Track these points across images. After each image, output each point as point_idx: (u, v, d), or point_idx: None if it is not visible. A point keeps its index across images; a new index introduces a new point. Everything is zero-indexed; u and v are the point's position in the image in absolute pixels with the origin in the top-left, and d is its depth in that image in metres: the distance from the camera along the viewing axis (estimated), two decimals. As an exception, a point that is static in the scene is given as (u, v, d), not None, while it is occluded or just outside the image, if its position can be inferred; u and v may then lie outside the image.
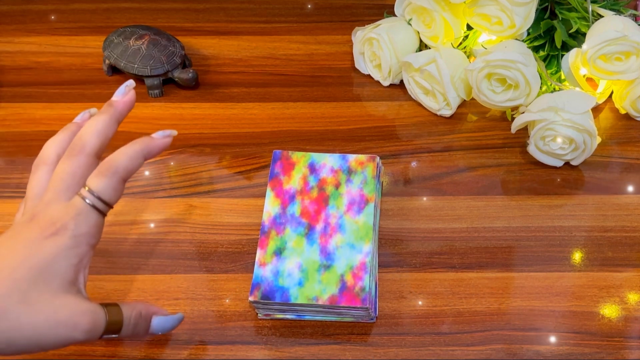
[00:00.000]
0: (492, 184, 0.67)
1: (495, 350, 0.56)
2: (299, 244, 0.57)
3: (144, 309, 0.48)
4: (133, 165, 0.46)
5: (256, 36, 0.83)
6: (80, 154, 0.46)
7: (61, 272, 0.43)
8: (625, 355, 0.55)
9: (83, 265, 0.44)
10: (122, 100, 0.49)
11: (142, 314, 0.47)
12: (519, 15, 0.69)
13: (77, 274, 0.44)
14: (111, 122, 0.48)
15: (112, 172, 0.45)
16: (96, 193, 0.44)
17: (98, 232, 0.46)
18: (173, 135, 0.49)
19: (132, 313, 0.46)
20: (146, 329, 0.48)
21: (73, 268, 0.43)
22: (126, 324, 0.46)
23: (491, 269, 0.61)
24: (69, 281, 0.43)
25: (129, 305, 0.47)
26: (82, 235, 0.44)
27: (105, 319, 0.44)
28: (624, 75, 0.67)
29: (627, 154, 0.70)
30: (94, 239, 0.45)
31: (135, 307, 0.47)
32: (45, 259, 0.42)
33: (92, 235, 0.45)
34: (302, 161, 0.62)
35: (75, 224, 0.44)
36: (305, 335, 0.57)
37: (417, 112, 0.74)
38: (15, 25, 0.84)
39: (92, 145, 0.46)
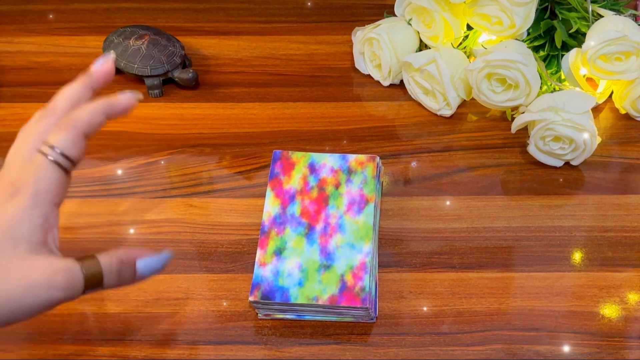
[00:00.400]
0: (492, 184, 0.67)
1: (495, 350, 0.56)
2: (299, 244, 0.57)
3: (124, 255, 0.45)
4: (94, 120, 0.44)
5: (256, 36, 0.83)
6: (48, 117, 0.44)
7: (26, 234, 0.41)
8: (625, 355, 0.55)
9: (50, 225, 0.42)
10: (97, 69, 0.47)
11: (124, 259, 0.44)
12: (519, 15, 0.69)
13: (45, 234, 0.42)
14: (84, 88, 0.46)
15: (72, 125, 0.43)
16: (56, 147, 0.42)
17: (61, 189, 0.43)
18: (138, 98, 0.47)
19: (112, 260, 0.44)
20: (132, 275, 0.45)
21: (39, 228, 0.41)
22: (107, 273, 0.43)
23: (491, 269, 0.61)
24: (37, 242, 0.41)
25: (106, 254, 0.44)
26: (43, 192, 0.42)
27: (82, 272, 0.42)
28: (624, 75, 0.67)
29: (627, 154, 0.70)
30: (58, 197, 0.43)
31: (115, 254, 0.44)
32: (7, 223, 0.41)
33: (55, 194, 0.42)
34: (302, 161, 0.62)
35: (35, 181, 0.41)
36: (305, 335, 0.57)
37: (417, 112, 0.74)
38: (15, 25, 0.84)
39: (62, 109, 0.45)
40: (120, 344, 0.56)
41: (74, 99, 0.45)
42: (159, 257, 0.46)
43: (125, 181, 0.68)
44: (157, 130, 0.72)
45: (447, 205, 0.66)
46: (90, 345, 0.56)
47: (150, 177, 0.68)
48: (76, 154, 0.43)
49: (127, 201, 0.66)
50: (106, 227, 0.64)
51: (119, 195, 0.67)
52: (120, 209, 0.66)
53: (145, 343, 0.56)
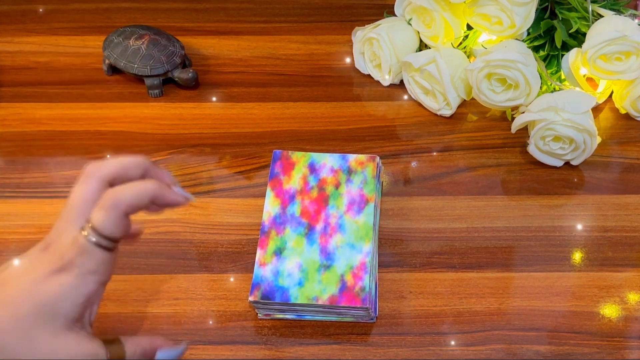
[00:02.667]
0: (492, 184, 0.67)
1: (495, 350, 0.56)
2: (299, 244, 0.57)
3: (148, 345, 0.46)
4: (137, 203, 0.42)
5: (256, 36, 0.83)
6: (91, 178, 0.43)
7: (65, 312, 0.41)
8: (625, 355, 0.55)
9: (91, 302, 0.43)
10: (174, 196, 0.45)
11: (147, 350, 0.46)
12: (519, 15, 0.69)
13: (84, 312, 0.43)
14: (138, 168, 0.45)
15: (114, 205, 0.41)
16: (97, 228, 0.41)
17: (107, 269, 0.43)
18: (190, 200, 0.46)
19: (136, 350, 0.45)
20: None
21: (79, 307, 0.42)
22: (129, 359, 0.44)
23: (491, 269, 0.61)
24: (73, 320, 0.42)
25: (132, 342, 0.45)
26: (89, 273, 0.42)
27: (107, 357, 0.43)
28: (624, 75, 0.67)
29: (627, 154, 0.70)
30: (103, 276, 0.43)
31: (139, 343, 0.45)
32: (50, 297, 0.41)
33: (101, 273, 0.42)
34: (302, 161, 0.62)
35: (81, 262, 0.41)
36: (305, 335, 0.57)
37: (417, 112, 0.74)
38: (15, 25, 0.84)
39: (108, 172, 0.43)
40: (120, 344, 0.56)
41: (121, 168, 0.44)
42: (176, 349, 0.47)
43: (125, 181, 0.68)
44: (157, 130, 0.72)
45: (447, 205, 0.66)
46: (90, 345, 0.56)
47: (150, 177, 0.68)
48: (119, 234, 0.42)
49: (127, 201, 0.66)
50: (106, 227, 0.64)
51: (119, 195, 0.66)
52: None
53: (145, 343, 0.56)
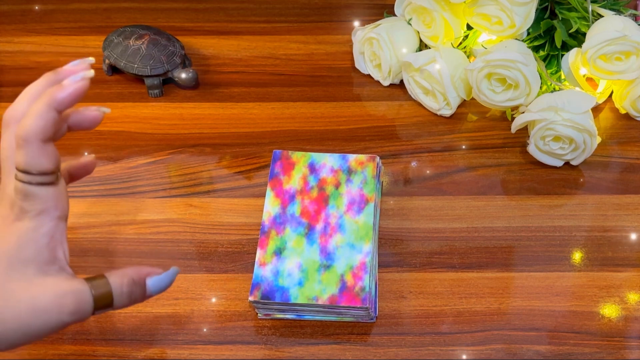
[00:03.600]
0: (492, 184, 0.67)
1: (495, 350, 0.56)
2: (299, 244, 0.57)
3: (135, 274, 0.43)
4: (44, 123, 0.39)
5: (256, 36, 0.83)
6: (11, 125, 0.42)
7: (33, 257, 0.40)
8: (625, 355, 0.55)
9: (57, 241, 0.41)
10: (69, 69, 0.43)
11: (135, 279, 0.43)
12: (519, 15, 0.69)
13: (53, 251, 0.41)
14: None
15: (25, 139, 0.39)
16: (24, 169, 0.40)
17: (58, 203, 0.41)
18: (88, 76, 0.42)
19: (123, 281, 0.42)
20: (143, 294, 0.44)
21: (45, 248, 0.41)
22: (118, 294, 0.42)
23: (491, 269, 0.61)
24: (44, 262, 0.41)
25: (117, 274, 0.43)
26: (40, 213, 0.40)
27: (92, 294, 0.41)
28: (624, 75, 0.67)
29: (627, 154, 0.70)
30: (57, 211, 0.41)
31: (125, 273, 0.43)
32: (13, 248, 0.40)
33: (53, 208, 0.41)
34: (302, 161, 0.62)
35: (29, 205, 0.40)
36: (305, 335, 0.57)
37: (417, 112, 0.74)
38: (15, 25, 0.84)
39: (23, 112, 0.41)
40: (120, 344, 0.56)
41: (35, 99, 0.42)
42: (167, 274, 0.45)
43: (125, 181, 0.68)
44: (157, 130, 0.72)
45: (447, 205, 0.66)
46: (90, 345, 0.56)
47: (150, 177, 0.68)
48: (48, 164, 0.40)
49: (127, 201, 0.66)
50: (106, 227, 0.64)
51: (119, 195, 0.67)
52: (120, 209, 0.66)
53: (145, 343, 0.56)
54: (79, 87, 0.41)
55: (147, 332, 0.57)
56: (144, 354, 0.56)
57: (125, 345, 0.56)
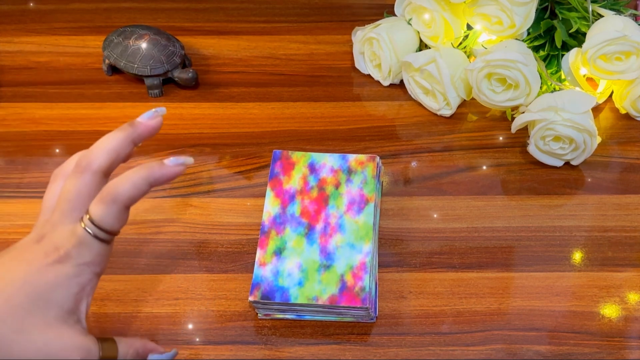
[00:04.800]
0: (492, 184, 0.67)
1: (495, 350, 0.56)
2: (299, 244, 0.57)
3: (141, 347, 0.46)
4: (136, 193, 0.42)
5: (256, 36, 0.83)
6: (85, 172, 0.43)
7: (60, 302, 0.41)
8: (625, 355, 0.55)
9: (85, 294, 0.43)
10: (145, 123, 0.46)
11: (139, 352, 0.46)
12: (519, 15, 0.69)
13: (78, 303, 0.42)
14: (126, 141, 0.45)
15: (113, 199, 0.42)
16: (97, 222, 0.42)
17: (103, 260, 0.43)
18: (188, 163, 0.45)
19: (129, 351, 0.45)
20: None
21: (73, 297, 0.42)
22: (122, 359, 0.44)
23: (491, 269, 0.61)
24: (67, 311, 0.42)
25: (125, 343, 0.45)
26: (85, 264, 0.42)
27: (99, 355, 0.43)
28: (624, 75, 0.67)
29: (627, 154, 0.70)
30: (99, 267, 0.43)
31: (133, 344, 0.45)
32: (45, 287, 0.41)
33: (97, 264, 0.43)
34: (302, 161, 0.62)
35: (78, 253, 0.42)
36: (305, 335, 0.57)
37: (417, 112, 0.74)
38: (15, 25, 0.84)
39: (100, 163, 0.44)
40: (120, 344, 0.56)
41: (113, 153, 0.44)
42: (167, 355, 0.48)
43: (125, 181, 0.68)
44: (158, 131, 0.72)
45: (447, 205, 0.66)
46: (90, 345, 0.56)
47: (150, 177, 0.68)
48: (118, 227, 0.43)
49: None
50: (106, 227, 0.64)
51: (119, 195, 0.66)
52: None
53: (145, 343, 0.56)
54: (176, 171, 0.44)
55: (147, 332, 0.57)
56: (144, 354, 0.56)
57: (125, 345, 0.56)
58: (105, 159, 0.44)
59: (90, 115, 0.74)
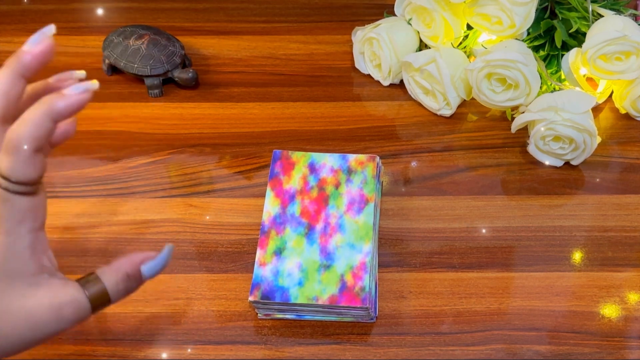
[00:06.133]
0: (492, 184, 0.67)
1: (495, 350, 0.56)
2: (299, 244, 0.57)
3: (129, 267, 0.41)
4: (40, 132, 0.37)
5: (256, 36, 0.83)
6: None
7: (19, 270, 0.38)
8: (625, 355, 0.55)
9: (40, 251, 0.39)
10: (31, 50, 0.40)
11: (129, 273, 0.41)
12: (518, 15, 0.69)
13: (39, 261, 0.39)
14: (13, 78, 0.39)
15: (16, 146, 0.36)
16: (7, 175, 0.37)
17: (36, 212, 0.39)
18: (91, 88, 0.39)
19: (118, 278, 0.41)
20: (139, 283, 0.42)
21: (29, 260, 0.39)
22: (114, 292, 0.40)
23: (491, 269, 0.61)
24: (32, 274, 0.39)
25: (111, 271, 0.41)
26: (18, 222, 0.38)
27: (87, 298, 0.39)
28: (624, 75, 0.67)
29: (627, 154, 0.70)
30: (35, 221, 0.39)
31: (119, 269, 0.41)
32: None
33: (31, 219, 0.38)
34: (302, 161, 0.62)
35: (5, 214, 0.37)
36: (305, 335, 0.57)
37: (417, 112, 0.74)
38: (15, 25, 0.84)
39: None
40: (120, 344, 0.56)
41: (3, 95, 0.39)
42: (161, 257, 0.43)
43: (125, 181, 0.68)
44: (157, 130, 0.72)
45: (447, 205, 0.66)
46: (90, 345, 0.56)
47: (150, 177, 0.68)
48: (34, 175, 0.38)
49: (127, 201, 0.66)
50: (106, 227, 0.64)
51: (119, 195, 0.67)
52: (120, 209, 0.66)
53: (145, 343, 0.56)
54: (81, 99, 0.39)
55: (147, 332, 0.57)
56: (143, 354, 0.56)
57: (125, 345, 0.56)
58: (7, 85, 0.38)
59: (90, 115, 0.74)
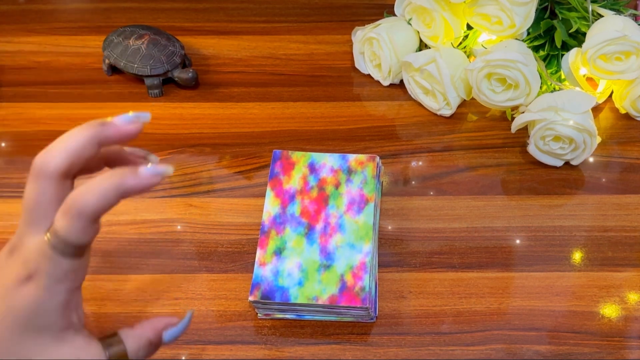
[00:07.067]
0: (492, 184, 0.67)
1: (495, 350, 0.56)
2: (298, 244, 0.57)
3: (152, 334, 0.42)
4: (104, 205, 0.37)
5: (256, 36, 0.83)
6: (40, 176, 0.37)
7: (48, 325, 0.38)
8: (625, 355, 0.55)
9: (72, 307, 0.39)
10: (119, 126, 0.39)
11: (152, 340, 0.41)
12: (518, 15, 0.69)
13: (68, 319, 0.39)
14: (90, 142, 0.38)
15: (78, 213, 0.36)
16: (62, 237, 0.37)
17: (78, 273, 0.39)
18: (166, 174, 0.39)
19: (140, 344, 0.41)
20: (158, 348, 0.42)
21: (61, 317, 0.38)
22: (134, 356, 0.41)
23: (491, 269, 0.61)
24: (60, 330, 0.38)
25: (134, 337, 0.41)
26: (57, 282, 0.38)
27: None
28: (624, 75, 0.67)
29: (627, 153, 0.70)
30: (74, 282, 0.39)
31: (142, 335, 0.41)
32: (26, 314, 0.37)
33: (71, 280, 0.38)
34: (302, 161, 0.62)
35: (48, 270, 0.37)
36: (305, 335, 0.57)
37: (417, 112, 0.74)
38: (15, 25, 0.84)
39: (56, 166, 0.37)
40: (120, 343, 0.56)
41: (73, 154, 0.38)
42: (183, 322, 0.43)
43: (125, 181, 0.68)
44: (157, 130, 0.72)
45: (447, 205, 0.66)
46: (90, 345, 0.56)
47: (150, 177, 0.68)
48: (87, 240, 0.37)
49: (127, 201, 0.66)
50: (106, 227, 0.64)
51: (119, 195, 0.66)
52: (120, 209, 0.65)
53: (145, 343, 0.56)
54: (151, 183, 0.38)
55: (147, 332, 0.57)
56: (144, 354, 0.56)
57: (125, 345, 0.56)
58: (62, 161, 0.38)
59: (90, 115, 0.74)
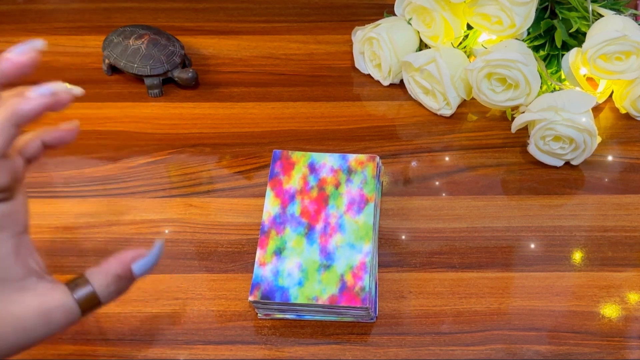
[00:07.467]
0: (492, 184, 0.67)
1: (495, 350, 0.56)
2: (298, 244, 0.57)
3: (119, 268, 0.40)
4: (5, 140, 0.36)
5: (256, 36, 0.83)
6: None
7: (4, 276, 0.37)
8: (625, 355, 0.55)
9: (25, 254, 0.39)
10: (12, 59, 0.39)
11: (120, 274, 0.40)
12: (519, 15, 0.69)
13: (24, 265, 0.38)
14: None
15: None
16: None
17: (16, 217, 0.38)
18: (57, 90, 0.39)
19: (107, 280, 0.40)
20: (130, 282, 0.41)
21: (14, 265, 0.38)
22: (104, 294, 0.39)
23: (491, 269, 0.61)
24: (18, 278, 0.38)
25: (99, 273, 0.40)
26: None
27: (76, 302, 0.39)
28: (624, 74, 0.67)
29: (627, 153, 0.70)
30: (17, 226, 0.38)
31: (108, 270, 0.40)
32: None
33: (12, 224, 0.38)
34: (302, 161, 0.62)
35: None
36: (305, 335, 0.57)
37: (417, 111, 0.74)
38: (15, 25, 0.84)
39: None
40: (120, 344, 0.56)
41: None
42: (151, 253, 0.41)
43: (125, 181, 0.68)
44: (157, 130, 0.72)
45: (447, 205, 0.66)
46: (90, 345, 0.56)
47: (150, 177, 0.68)
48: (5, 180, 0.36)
49: (127, 201, 0.66)
50: (106, 227, 0.64)
51: (119, 195, 0.67)
52: (120, 209, 0.66)
53: (145, 343, 0.56)
54: (44, 102, 0.38)
55: (147, 332, 0.57)
56: (143, 354, 0.56)
57: (125, 345, 0.56)
58: None
59: (90, 115, 0.74)
